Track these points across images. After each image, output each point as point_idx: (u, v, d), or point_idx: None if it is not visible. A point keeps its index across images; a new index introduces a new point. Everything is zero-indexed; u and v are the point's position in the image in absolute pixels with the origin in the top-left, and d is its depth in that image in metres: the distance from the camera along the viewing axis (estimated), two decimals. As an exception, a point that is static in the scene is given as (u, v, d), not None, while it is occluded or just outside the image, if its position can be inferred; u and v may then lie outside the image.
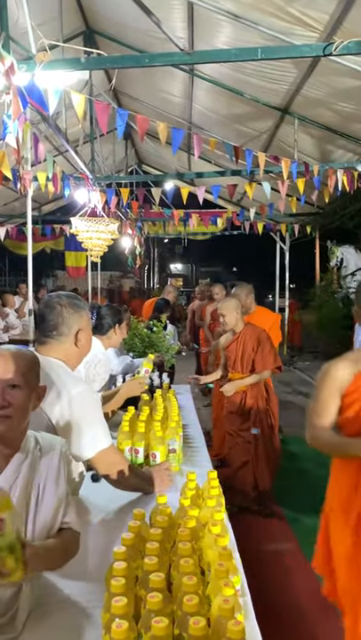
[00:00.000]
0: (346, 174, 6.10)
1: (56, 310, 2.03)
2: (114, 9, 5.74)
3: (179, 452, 2.50)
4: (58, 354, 2.00)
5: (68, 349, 2.03)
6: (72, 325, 2.04)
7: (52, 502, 1.39)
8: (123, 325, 3.51)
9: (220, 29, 5.13)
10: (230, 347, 4.28)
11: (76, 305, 2.07)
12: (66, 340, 2.03)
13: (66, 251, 13.53)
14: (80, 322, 2.06)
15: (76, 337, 2.04)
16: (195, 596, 1.13)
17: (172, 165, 10.32)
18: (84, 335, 2.07)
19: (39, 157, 4.93)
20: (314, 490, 4.38)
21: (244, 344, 4.17)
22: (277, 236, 12.46)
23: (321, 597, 2.21)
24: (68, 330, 2.03)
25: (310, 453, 5.44)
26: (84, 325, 2.08)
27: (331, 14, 4.23)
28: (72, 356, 2.05)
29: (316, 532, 2.33)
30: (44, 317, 2.04)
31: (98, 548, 1.71)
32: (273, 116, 6.72)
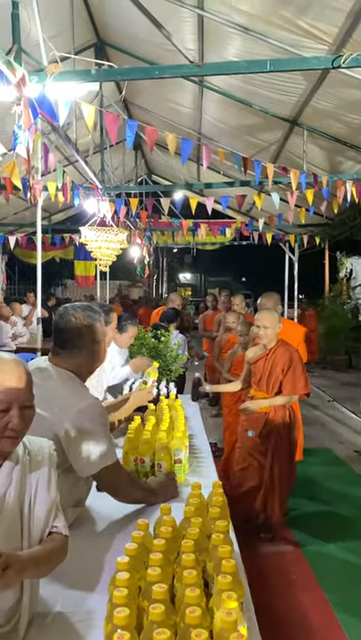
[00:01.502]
0: (355, 185, 6.10)
1: (70, 324, 2.03)
2: (125, 22, 5.80)
3: (185, 462, 2.49)
4: (70, 365, 2.01)
5: (80, 362, 2.03)
6: (86, 339, 2.03)
7: (45, 506, 1.39)
8: (110, 327, 3.45)
9: (229, 42, 5.17)
10: (258, 363, 3.91)
11: (90, 317, 2.06)
12: (79, 353, 2.02)
13: (75, 260, 13.62)
14: (94, 335, 2.05)
15: (90, 349, 2.04)
16: (197, 607, 1.12)
17: (182, 176, 10.38)
18: (95, 349, 2.06)
19: (49, 167, 4.98)
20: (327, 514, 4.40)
21: (274, 362, 3.80)
22: (286, 247, 12.45)
23: (328, 615, 2.19)
24: (82, 344, 2.02)
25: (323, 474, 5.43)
26: (98, 339, 2.06)
27: (340, 27, 4.24)
28: (84, 367, 2.05)
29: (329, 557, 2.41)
30: (58, 329, 2.04)
31: (102, 558, 1.70)
32: (282, 127, 6.74)
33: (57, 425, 1.82)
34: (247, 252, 20.44)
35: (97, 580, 1.56)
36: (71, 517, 1.93)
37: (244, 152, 6.86)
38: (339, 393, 9.38)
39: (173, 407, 3.10)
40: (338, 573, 3.52)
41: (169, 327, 5.53)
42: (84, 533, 1.91)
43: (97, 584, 1.54)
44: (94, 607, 1.44)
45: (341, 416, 8.10)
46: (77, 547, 1.77)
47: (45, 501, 1.40)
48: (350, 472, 5.57)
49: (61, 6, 5.11)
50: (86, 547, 1.78)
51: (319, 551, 3.78)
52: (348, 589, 3.32)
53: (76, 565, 1.60)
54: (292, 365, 3.76)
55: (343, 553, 3.78)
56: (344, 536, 4.06)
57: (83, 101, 3.71)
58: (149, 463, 2.39)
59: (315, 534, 4.04)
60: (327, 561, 3.67)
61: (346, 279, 15.21)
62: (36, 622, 1.38)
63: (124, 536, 1.76)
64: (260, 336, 3.84)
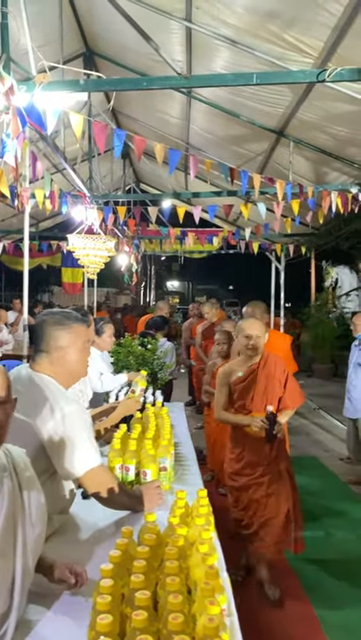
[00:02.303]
0: (340, 196, 6.19)
1: (42, 326, 2.04)
2: (114, 32, 5.85)
3: (170, 470, 2.50)
4: (47, 370, 2.01)
5: (55, 366, 2.01)
6: (56, 342, 2.01)
7: (39, 509, 1.40)
8: (104, 336, 3.49)
9: (217, 54, 5.24)
10: (246, 381, 3.39)
11: (61, 321, 2.04)
12: (51, 356, 2.01)
13: (62, 267, 13.61)
14: (66, 338, 2.02)
15: (61, 354, 2.01)
16: (180, 614, 1.13)
17: (170, 185, 10.44)
18: (70, 352, 2.02)
19: (37, 175, 4.99)
20: (313, 522, 4.39)
21: (268, 376, 3.36)
22: (273, 256, 12.56)
23: (315, 628, 2.19)
24: (53, 347, 2.01)
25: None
26: (72, 342, 2.03)
27: (325, 41, 4.32)
28: (60, 373, 2.02)
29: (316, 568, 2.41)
30: (33, 333, 2.07)
31: (86, 566, 1.70)
32: (269, 138, 6.83)
33: (40, 431, 1.83)
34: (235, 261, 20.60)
35: (83, 587, 1.56)
36: (56, 524, 1.93)
37: (232, 162, 6.93)
38: (324, 401, 9.45)
39: (159, 415, 3.12)
40: (325, 585, 3.54)
41: (157, 335, 5.56)
42: (68, 541, 1.92)
43: (83, 591, 1.54)
44: (79, 614, 1.45)
45: (327, 424, 8.16)
46: (62, 554, 1.78)
47: (39, 504, 1.43)
48: (336, 480, 5.61)
49: (50, 16, 5.14)
50: (71, 554, 1.79)
51: (306, 562, 3.78)
52: (336, 601, 3.34)
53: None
54: (289, 377, 3.42)
55: (330, 564, 3.79)
56: (330, 546, 4.08)
57: (71, 111, 3.73)
58: (135, 471, 2.39)
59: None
60: (315, 573, 3.67)
61: (332, 288, 15.37)
62: (20, 628, 1.38)
63: (109, 543, 1.77)
64: (251, 347, 3.30)
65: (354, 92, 4.65)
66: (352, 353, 5.57)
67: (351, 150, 6.31)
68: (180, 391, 7.72)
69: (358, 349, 5.41)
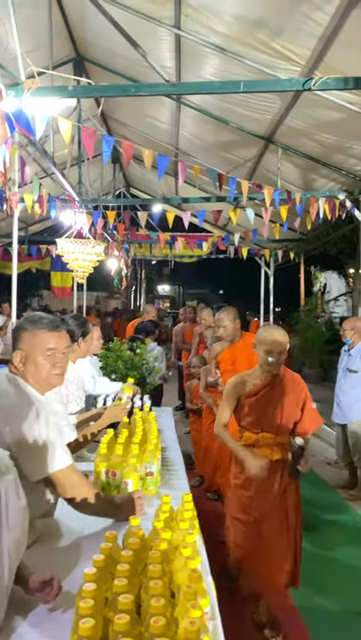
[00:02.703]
0: (328, 202, 6.25)
1: (15, 329, 2.04)
2: (104, 38, 5.88)
3: (156, 474, 2.51)
4: (19, 372, 1.98)
5: (20, 368, 1.97)
6: (18, 345, 1.98)
7: (18, 515, 1.40)
8: (88, 337, 3.43)
9: (206, 61, 5.28)
10: (259, 396, 3.01)
11: (25, 325, 1.99)
12: (16, 359, 1.97)
13: (52, 271, 13.58)
14: (26, 343, 1.97)
15: (21, 357, 1.96)
16: (162, 617, 1.14)
17: (159, 190, 10.47)
18: (30, 357, 1.95)
19: (26, 179, 4.99)
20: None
21: (283, 393, 3.00)
22: (262, 261, 12.63)
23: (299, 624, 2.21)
24: (17, 349, 1.98)
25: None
26: (31, 348, 1.96)
27: (312, 50, 4.38)
28: (28, 374, 1.96)
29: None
30: None
31: (71, 570, 1.71)
32: (257, 144, 6.88)
33: (7, 433, 1.81)
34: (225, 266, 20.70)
35: (67, 592, 1.56)
36: (39, 529, 1.93)
37: (221, 168, 6.98)
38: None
39: (147, 420, 3.12)
40: (313, 585, 3.56)
41: (147, 339, 5.56)
42: (52, 546, 1.92)
43: (67, 595, 1.55)
44: (63, 618, 1.45)
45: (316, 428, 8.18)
46: (46, 559, 1.78)
47: (17, 510, 1.41)
48: (324, 485, 5.64)
49: (40, 21, 5.16)
50: (55, 559, 1.79)
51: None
52: (318, 596, 3.36)
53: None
54: (308, 397, 3.06)
55: (316, 563, 3.81)
56: (318, 549, 4.10)
57: (60, 116, 3.75)
58: (121, 476, 2.40)
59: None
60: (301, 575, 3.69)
61: (320, 293, 15.49)
62: (4, 632, 1.38)
63: (94, 548, 1.77)
64: (272, 364, 2.93)
65: (341, 100, 4.72)
66: (341, 358, 5.60)
67: (338, 157, 6.38)
68: (170, 395, 7.72)
69: (347, 355, 5.44)
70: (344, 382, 5.42)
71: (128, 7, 4.63)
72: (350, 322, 5.55)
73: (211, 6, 4.35)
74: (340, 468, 5.92)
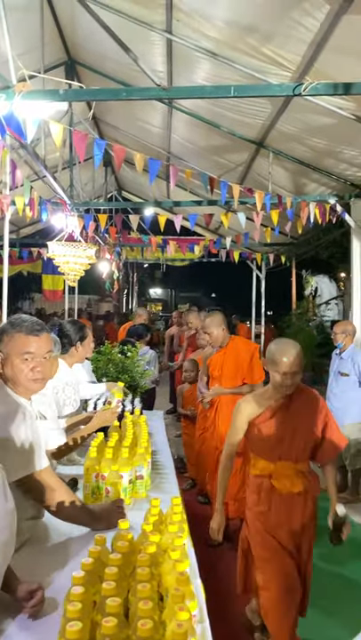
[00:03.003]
0: (318, 207, 6.29)
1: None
2: (95, 42, 5.89)
3: (146, 478, 2.51)
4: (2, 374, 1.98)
5: (3, 370, 1.96)
6: (1, 349, 1.96)
7: (5, 518, 1.40)
8: (86, 342, 3.42)
9: (198, 65, 5.30)
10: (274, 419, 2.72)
11: (4, 327, 1.97)
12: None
13: (43, 274, 13.54)
14: (5, 345, 1.95)
15: (2, 360, 1.94)
16: (149, 620, 1.15)
17: (151, 193, 10.49)
18: (8, 360, 1.93)
19: (17, 182, 4.99)
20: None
21: (302, 416, 2.76)
22: (253, 265, 12.68)
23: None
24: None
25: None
26: (7, 351, 1.94)
27: (303, 56, 4.40)
28: (7, 380, 1.96)
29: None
30: None
31: (59, 573, 1.71)
32: (249, 148, 6.91)
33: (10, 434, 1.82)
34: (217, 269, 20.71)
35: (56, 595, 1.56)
36: (27, 531, 1.92)
37: (212, 172, 6.99)
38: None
39: (137, 423, 3.13)
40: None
41: (138, 343, 5.56)
42: (41, 549, 1.92)
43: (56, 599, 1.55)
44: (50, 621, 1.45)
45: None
46: (35, 562, 1.78)
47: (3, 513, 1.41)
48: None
49: (32, 25, 5.16)
50: (43, 562, 1.79)
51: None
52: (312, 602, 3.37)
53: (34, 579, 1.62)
54: (330, 419, 2.79)
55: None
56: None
57: (51, 120, 3.75)
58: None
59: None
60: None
61: (312, 297, 15.56)
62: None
63: (83, 551, 1.77)
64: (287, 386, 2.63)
65: (331, 105, 4.76)
66: (333, 361, 5.62)
67: (329, 162, 6.42)
68: (161, 398, 7.71)
69: (339, 358, 5.47)
70: (336, 385, 5.44)
71: (120, 11, 4.64)
72: (341, 325, 5.58)
73: (202, 11, 4.37)
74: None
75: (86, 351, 3.49)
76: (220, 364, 4.25)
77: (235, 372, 4.20)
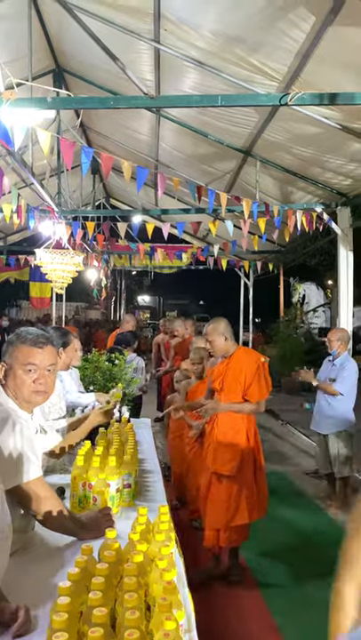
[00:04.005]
0: (305, 215, 6.34)
1: (6, 343, 2.05)
2: (83, 51, 5.91)
3: (134, 486, 2.50)
4: (5, 386, 2.01)
5: (5, 382, 2.00)
6: (3, 358, 2.01)
7: (3, 530, 1.39)
8: (69, 348, 3.40)
9: (185, 74, 5.35)
10: None
11: (12, 339, 2.03)
12: (2, 373, 2.01)
13: (30, 281, 13.49)
14: (10, 356, 2.00)
15: (6, 371, 2.00)
16: (136, 630, 1.14)
17: (139, 201, 10.51)
18: (12, 371, 1.98)
19: (4, 189, 4.97)
20: (279, 535, 4.38)
21: None
22: (241, 272, 12.74)
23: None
24: (3, 363, 2.01)
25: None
26: (12, 362, 1.99)
27: (289, 66, 4.46)
28: (8, 391, 1.99)
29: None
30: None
31: (47, 583, 1.69)
32: (236, 157, 6.96)
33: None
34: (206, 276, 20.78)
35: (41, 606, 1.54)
36: (15, 545, 1.90)
37: (201, 180, 7.04)
38: (292, 415, 9.55)
39: (124, 431, 3.11)
40: (288, 599, 3.56)
41: (126, 351, 5.54)
42: (29, 559, 1.89)
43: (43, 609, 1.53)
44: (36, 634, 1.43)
45: (294, 439, 8.24)
46: (22, 573, 1.76)
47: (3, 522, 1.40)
48: (302, 495, 5.67)
49: (20, 33, 5.16)
50: (31, 572, 1.77)
51: (270, 577, 3.80)
52: (298, 614, 3.37)
53: (22, 591, 1.60)
54: None
55: (295, 578, 3.82)
56: (296, 562, 4.10)
57: (39, 128, 3.75)
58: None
59: (267, 560, 4.06)
60: (278, 588, 3.70)
61: (299, 304, 15.66)
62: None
63: (70, 560, 1.75)
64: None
65: (317, 115, 4.82)
66: (323, 368, 5.61)
67: (315, 170, 6.49)
68: (149, 406, 7.67)
69: (331, 365, 5.48)
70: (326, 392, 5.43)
71: (108, 20, 4.67)
72: (337, 332, 5.56)
73: (190, 21, 4.41)
74: (318, 479, 5.95)
75: (70, 357, 3.47)
76: (222, 376, 3.81)
77: (236, 386, 3.73)
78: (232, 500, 3.58)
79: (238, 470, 3.59)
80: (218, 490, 3.63)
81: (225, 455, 3.62)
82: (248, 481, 3.63)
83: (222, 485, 3.63)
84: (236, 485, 3.59)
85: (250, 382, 3.68)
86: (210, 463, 3.69)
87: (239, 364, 3.74)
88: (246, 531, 3.70)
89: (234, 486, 3.60)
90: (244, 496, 3.58)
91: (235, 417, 3.70)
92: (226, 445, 3.63)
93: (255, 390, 3.69)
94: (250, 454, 3.65)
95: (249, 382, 3.68)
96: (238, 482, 3.59)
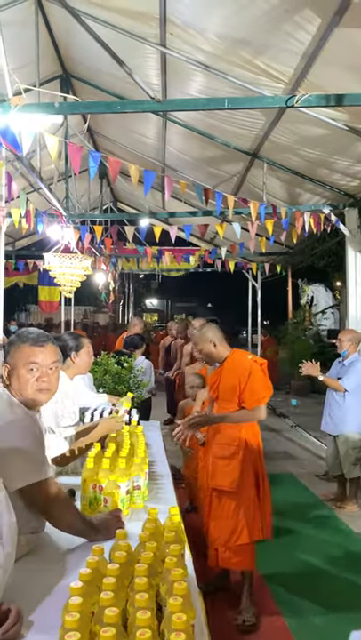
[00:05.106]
0: (313, 216, 6.33)
1: (7, 344, 2.08)
2: (90, 56, 5.95)
3: (144, 488, 2.51)
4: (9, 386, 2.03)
5: (10, 382, 2.01)
6: (6, 359, 2.03)
7: (10, 531, 1.40)
8: (82, 352, 3.38)
9: (192, 78, 5.37)
10: None
11: (13, 339, 2.05)
12: (6, 373, 2.02)
13: (39, 285, 13.56)
14: (12, 356, 2.02)
15: (9, 371, 2.01)
16: (148, 630, 1.15)
17: (146, 204, 10.55)
18: (14, 371, 1.99)
19: (12, 194, 5.01)
20: (289, 539, 4.34)
21: None
22: (249, 274, 12.72)
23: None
24: (6, 363, 2.03)
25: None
26: (14, 362, 2.01)
27: (295, 68, 4.47)
28: (11, 387, 2.00)
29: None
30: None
31: (58, 584, 1.70)
32: (243, 159, 6.97)
33: None
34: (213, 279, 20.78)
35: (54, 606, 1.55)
36: (27, 545, 1.91)
37: (208, 183, 7.05)
38: (301, 418, 9.52)
39: (134, 434, 3.12)
40: (298, 599, 3.55)
41: (134, 353, 5.56)
42: (40, 560, 1.90)
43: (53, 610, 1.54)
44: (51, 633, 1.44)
45: (303, 441, 8.21)
46: (33, 574, 1.77)
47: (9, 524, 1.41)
48: (313, 497, 5.65)
49: (27, 39, 5.21)
50: (42, 573, 1.78)
51: (281, 579, 3.79)
52: (305, 611, 3.36)
53: (33, 592, 1.61)
54: None
55: (306, 583, 3.79)
56: (306, 565, 4.08)
57: (46, 133, 3.78)
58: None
59: (277, 562, 4.04)
60: (288, 588, 3.68)
61: (308, 306, 15.61)
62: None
63: (81, 561, 1.76)
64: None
65: (324, 117, 4.82)
66: (332, 369, 5.59)
67: (323, 172, 6.48)
68: (159, 409, 7.69)
69: (340, 365, 5.46)
70: (336, 393, 5.42)
71: (114, 26, 4.70)
72: (348, 333, 5.55)
73: (196, 25, 4.43)
74: (328, 480, 5.92)
75: (83, 361, 3.47)
76: (216, 383, 3.56)
77: (231, 394, 3.42)
78: (230, 518, 3.32)
79: (238, 486, 3.31)
80: (217, 507, 3.39)
81: (224, 470, 3.36)
82: (248, 497, 3.34)
83: (221, 502, 3.38)
84: (235, 502, 3.33)
85: (243, 386, 3.36)
86: (209, 479, 3.48)
87: (232, 368, 3.45)
88: (249, 553, 3.33)
89: (232, 503, 3.33)
90: (244, 514, 3.30)
91: (229, 427, 3.41)
92: (223, 459, 3.38)
93: (248, 394, 3.35)
94: (249, 468, 3.35)
95: (243, 387, 3.36)
96: (237, 498, 3.33)
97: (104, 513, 2.18)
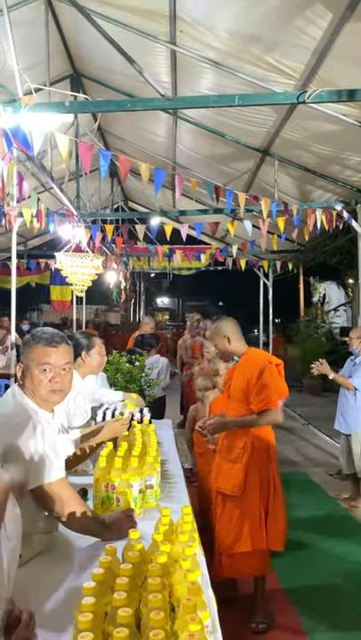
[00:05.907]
0: (325, 214, 6.29)
1: (22, 344, 2.10)
2: (100, 55, 5.95)
3: (156, 487, 2.50)
4: (23, 387, 2.04)
5: (24, 383, 2.03)
6: (20, 359, 2.07)
7: (15, 524, 1.39)
8: (93, 351, 3.39)
9: (202, 75, 5.35)
10: None
11: (26, 340, 2.07)
12: (21, 374, 2.05)
13: (51, 285, 13.63)
14: (26, 356, 2.03)
15: (24, 371, 2.03)
16: (161, 630, 1.14)
17: (157, 203, 10.54)
18: (28, 372, 2.01)
19: (24, 194, 5.03)
20: (303, 538, 4.29)
21: None
22: (260, 272, 12.67)
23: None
24: (21, 363, 2.06)
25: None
26: (28, 362, 2.02)
27: (306, 64, 4.43)
28: (25, 387, 2.02)
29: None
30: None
31: (70, 584, 1.70)
32: (254, 156, 6.94)
33: (23, 447, 1.82)
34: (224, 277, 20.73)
35: (67, 606, 1.55)
36: (39, 546, 1.91)
37: (218, 181, 7.02)
38: (314, 416, 9.46)
39: (146, 432, 3.11)
40: (314, 599, 3.52)
41: (147, 353, 5.55)
42: (52, 560, 1.91)
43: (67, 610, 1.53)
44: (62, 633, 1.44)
45: (316, 439, 8.17)
46: (46, 573, 1.77)
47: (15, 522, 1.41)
48: (325, 496, 5.61)
49: (37, 39, 5.22)
50: (55, 573, 1.78)
51: (295, 579, 3.76)
52: (318, 608, 3.33)
53: (45, 591, 1.61)
54: None
55: (319, 581, 3.77)
56: (321, 565, 4.05)
57: (57, 132, 3.79)
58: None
59: (291, 563, 4.01)
60: (304, 590, 3.66)
61: (320, 304, 15.51)
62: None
63: (94, 561, 1.76)
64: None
65: (335, 112, 4.77)
66: (345, 367, 5.55)
67: (334, 168, 6.43)
68: (172, 408, 7.66)
69: (352, 364, 5.42)
70: (348, 392, 5.37)
71: (124, 24, 4.69)
72: (358, 331, 5.48)
73: (205, 22, 4.41)
74: (341, 479, 5.88)
75: (95, 360, 3.47)
76: (229, 382, 3.46)
77: (242, 394, 3.28)
78: (233, 524, 3.21)
79: (241, 491, 3.19)
80: (222, 511, 3.32)
81: (228, 473, 3.29)
82: (252, 505, 3.19)
83: (225, 506, 3.30)
84: (239, 509, 3.22)
85: (252, 386, 3.21)
86: (213, 480, 3.44)
87: (245, 366, 3.31)
88: (254, 561, 3.21)
89: (236, 509, 3.23)
90: (247, 521, 3.17)
91: (236, 430, 3.32)
92: (228, 461, 3.31)
93: (256, 397, 3.18)
94: (255, 474, 3.21)
95: (252, 386, 3.21)
96: (240, 505, 3.22)
97: (116, 512, 2.18)
